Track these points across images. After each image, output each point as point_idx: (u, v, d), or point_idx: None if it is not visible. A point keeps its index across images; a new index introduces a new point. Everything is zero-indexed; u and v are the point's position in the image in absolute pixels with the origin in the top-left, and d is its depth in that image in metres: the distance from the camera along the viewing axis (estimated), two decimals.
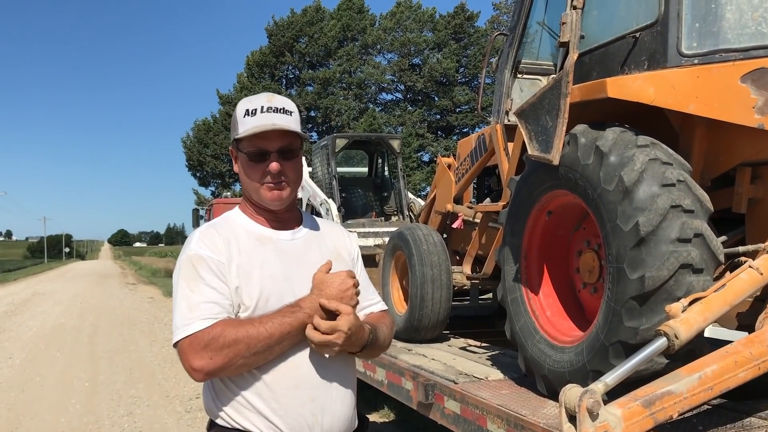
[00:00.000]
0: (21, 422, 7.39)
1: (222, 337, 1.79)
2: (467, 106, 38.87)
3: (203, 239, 1.95)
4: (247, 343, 1.80)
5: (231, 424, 1.91)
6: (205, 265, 1.89)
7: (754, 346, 2.62)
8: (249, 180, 1.99)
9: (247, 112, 1.95)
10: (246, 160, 1.97)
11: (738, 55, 2.99)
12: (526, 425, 3.00)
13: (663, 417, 2.38)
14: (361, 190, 10.88)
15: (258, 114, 1.94)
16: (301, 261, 2.02)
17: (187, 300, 1.86)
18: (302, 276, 1.98)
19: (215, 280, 1.88)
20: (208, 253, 1.90)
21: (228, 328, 1.81)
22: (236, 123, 1.98)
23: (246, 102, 1.99)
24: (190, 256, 1.92)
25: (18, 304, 21.89)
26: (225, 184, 39.64)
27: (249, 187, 2.01)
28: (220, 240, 1.94)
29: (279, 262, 1.97)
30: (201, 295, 1.86)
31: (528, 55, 4.68)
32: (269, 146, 1.95)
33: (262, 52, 39.22)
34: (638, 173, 2.86)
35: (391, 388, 4.59)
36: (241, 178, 2.03)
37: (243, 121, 1.96)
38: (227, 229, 2.00)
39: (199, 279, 1.87)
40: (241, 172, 2.02)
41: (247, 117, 1.95)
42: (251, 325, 1.82)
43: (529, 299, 3.60)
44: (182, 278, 1.90)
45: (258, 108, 1.95)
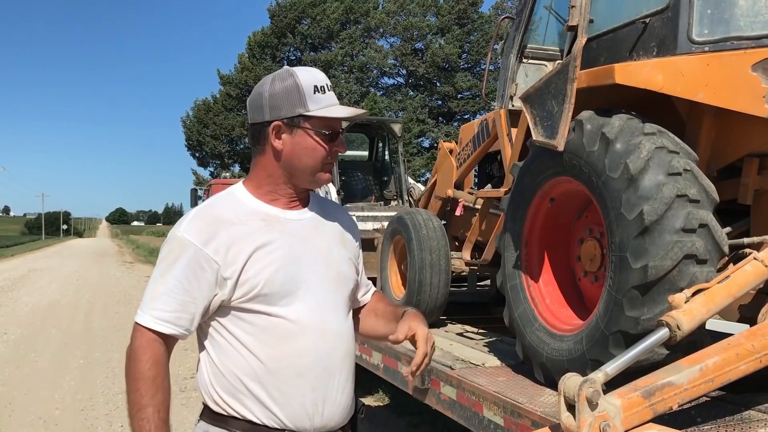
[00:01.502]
0: (15, 397, 7.40)
1: (141, 366, 1.76)
2: (469, 92, 38.74)
3: (196, 223, 1.83)
4: (134, 400, 1.75)
5: (227, 411, 1.84)
6: (185, 255, 1.78)
7: (756, 338, 2.59)
8: (313, 159, 1.86)
9: (317, 88, 1.84)
10: (316, 140, 1.85)
11: (750, 43, 2.94)
12: (523, 413, 2.98)
13: (663, 408, 2.35)
14: (360, 174, 10.83)
15: (327, 92, 1.86)
16: (308, 243, 1.92)
17: (155, 284, 1.81)
18: (308, 259, 1.90)
19: (188, 275, 1.77)
20: (194, 242, 1.78)
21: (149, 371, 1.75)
22: (303, 97, 1.83)
23: (308, 76, 1.86)
24: (176, 238, 1.81)
25: (14, 280, 21.91)
26: (224, 164, 39.52)
27: (308, 167, 1.87)
28: (218, 225, 1.81)
29: (285, 244, 1.86)
30: (165, 285, 1.78)
31: (534, 40, 4.62)
32: (339, 127, 1.90)
33: (264, 32, 38.97)
34: (644, 161, 2.82)
35: (387, 372, 4.57)
36: (293, 156, 1.87)
37: (314, 97, 1.83)
38: (229, 209, 1.87)
39: (172, 267, 1.78)
40: (295, 150, 1.86)
41: (318, 94, 1.84)
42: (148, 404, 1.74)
43: (529, 286, 3.57)
44: (161, 257, 1.84)
45: (325, 85, 1.86)
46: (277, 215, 1.91)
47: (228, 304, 1.82)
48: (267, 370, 1.82)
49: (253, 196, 1.92)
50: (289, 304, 1.84)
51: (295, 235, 1.91)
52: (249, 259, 1.80)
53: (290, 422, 1.83)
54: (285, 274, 1.83)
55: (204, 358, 1.90)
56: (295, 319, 1.84)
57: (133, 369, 1.77)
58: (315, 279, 1.90)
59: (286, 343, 1.83)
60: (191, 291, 1.78)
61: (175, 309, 1.78)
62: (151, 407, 1.74)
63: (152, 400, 1.74)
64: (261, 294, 1.81)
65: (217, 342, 1.86)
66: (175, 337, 1.82)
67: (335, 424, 1.92)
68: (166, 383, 1.78)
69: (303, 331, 1.85)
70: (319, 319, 1.88)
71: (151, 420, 1.73)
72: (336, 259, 1.99)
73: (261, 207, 1.91)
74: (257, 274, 1.80)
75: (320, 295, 1.90)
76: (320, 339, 1.87)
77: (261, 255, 1.82)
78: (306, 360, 1.84)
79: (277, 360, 1.82)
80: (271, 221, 1.88)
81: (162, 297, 1.78)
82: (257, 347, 1.82)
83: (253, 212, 1.89)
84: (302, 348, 1.84)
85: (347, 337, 1.98)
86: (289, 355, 1.83)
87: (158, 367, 1.77)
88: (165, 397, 1.77)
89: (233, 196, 1.93)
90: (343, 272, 2.00)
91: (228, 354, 1.84)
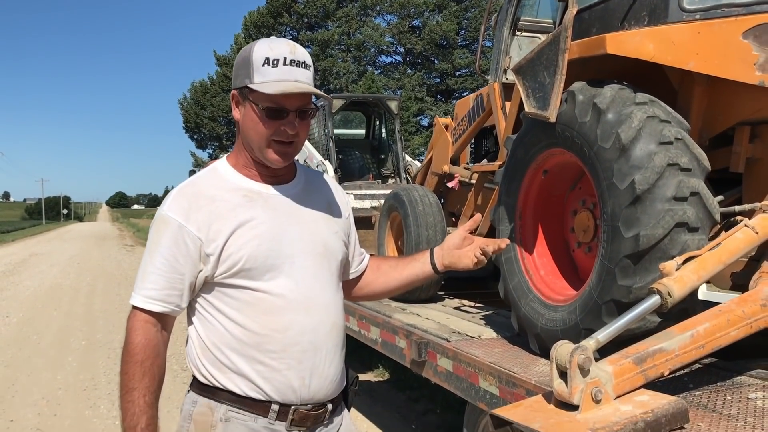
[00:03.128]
0: (18, 378, 7.46)
1: (131, 348, 1.79)
2: (467, 69, 38.48)
3: (179, 201, 1.84)
4: (123, 381, 1.78)
5: (213, 383, 1.86)
6: (169, 232, 1.80)
7: (747, 305, 2.62)
8: (256, 134, 1.82)
9: (267, 61, 1.77)
10: (258, 114, 1.80)
11: (740, 10, 2.93)
12: (518, 382, 3.01)
13: (654, 374, 2.38)
14: (358, 152, 10.82)
15: (280, 66, 1.77)
16: (293, 217, 1.92)
17: (144, 264, 1.84)
18: (293, 234, 1.90)
19: (174, 252, 1.79)
20: (177, 219, 1.80)
21: (139, 355, 1.78)
22: (251, 68, 1.79)
23: (266, 47, 1.80)
24: (160, 217, 1.83)
25: (15, 264, 21.96)
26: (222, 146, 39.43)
27: (253, 141, 1.84)
28: (200, 201, 1.82)
29: (269, 219, 1.87)
30: (153, 264, 1.81)
31: (527, 12, 4.60)
32: (289, 105, 1.80)
33: (260, 12, 38.68)
34: (636, 131, 2.82)
35: (385, 346, 4.61)
36: (244, 128, 1.86)
37: (262, 70, 1.78)
38: (211, 186, 1.87)
39: (158, 245, 1.81)
40: (245, 121, 1.84)
41: (267, 66, 1.77)
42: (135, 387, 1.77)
43: (523, 258, 3.58)
44: (149, 238, 1.87)
45: (281, 59, 1.77)
46: (259, 191, 1.91)
47: (212, 280, 1.84)
48: (251, 344, 1.83)
49: (234, 170, 1.93)
50: (272, 278, 1.85)
51: (278, 210, 1.91)
52: (231, 236, 1.81)
53: (276, 394, 1.85)
54: (267, 248, 1.84)
55: (192, 332, 1.92)
56: (279, 294, 1.85)
57: (125, 351, 1.80)
58: (300, 253, 1.90)
59: (270, 317, 1.84)
60: (178, 268, 1.80)
61: (164, 287, 1.80)
62: (138, 390, 1.77)
63: (140, 383, 1.77)
64: (244, 269, 1.82)
65: (204, 317, 1.89)
66: (168, 315, 1.84)
67: (323, 396, 1.93)
68: (155, 367, 1.81)
69: (287, 305, 1.86)
70: (303, 292, 1.89)
71: (136, 403, 1.77)
72: (323, 232, 1.99)
73: (243, 182, 1.91)
74: (239, 249, 1.81)
75: (305, 269, 1.91)
76: (305, 312, 1.88)
77: (243, 231, 1.82)
78: (291, 333, 1.85)
79: (261, 334, 1.83)
80: (254, 197, 1.89)
81: (150, 276, 1.81)
82: (242, 321, 1.84)
83: (236, 188, 1.89)
84: (287, 322, 1.85)
85: (334, 310, 1.98)
86: (273, 329, 1.84)
87: (148, 350, 1.79)
88: (152, 381, 1.80)
89: (216, 171, 1.94)
90: (329, 245, 2.00)
91: (214, 328, 1.87)
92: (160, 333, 1.83)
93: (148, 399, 1.78)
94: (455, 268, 2.17)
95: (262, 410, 1.85)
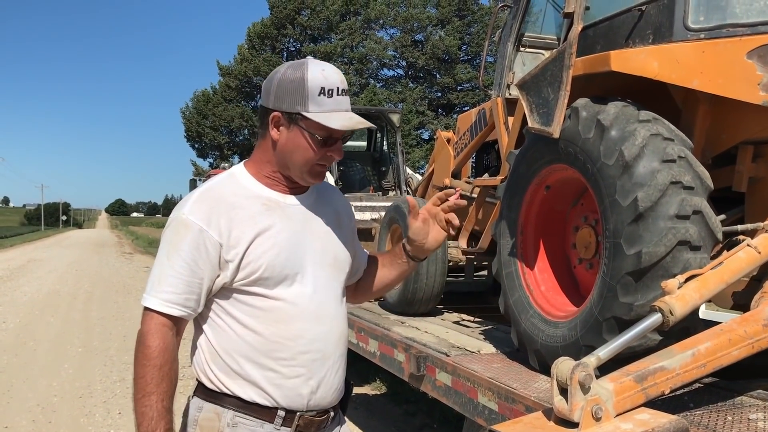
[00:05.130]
0: (13, 385, 7.43)
1: (149, 352, 1.78)
2: (469, 84, 38.63)
3: (200, 205, 1.84)
4: (140, 386, 1.77)
5: (220, 389, 1.87)
6: (190, 236, 1.80)
7: (749, 324, 2.61)
8: (302, 158, 1.86)
9: (323, 91, 1.81)
10: (310, 142, 1.84)
11: (745, 30, 2.94)
12: (517, 398, 2.99)
13: (655, 392, 2.37)
14: (359, 164, 10.84)
15: (335, 96, 1.82)
16: (307, 227, 1.96)
17: (161, 266, 1.82)
18: (307, 244, 1.93)
19: (195, 256, 1.79)
20: (199, 223, 1.80)
21: (157, 359, 1.77)
22: (306, 96, 1.81)
23: (320, 75, 1.82)
24: (180, 220, 1.83)
25: (13, 270, 21.93)
26: (223, 155, 39.50)
27: (296, 164, 1.87)
28: (221, 207, 1.83)
29: (285, 228, 1.89)
30: (172, 267, 1.79)
31: (531, 28, 4.62)
32: (338, 133, 1.87)
33: (264, 23, 38.83)
34: (639, 148, 2.82)
35: (384, 359, 4.59)
36: (285, 150, 1.87)
37: (318, 99, 1.81)
38: (231, 192, 1.89)
39: (178, 248, 1.80)
40: (288, 144, 1.86)
41: (323, 96, 1.81)
42: (153, 391, 1.76)
43: (524, 274, 3.58)
44: (165, 240, 1.85)
45: (335, 89, 1.82)
46: (277, 200, 1.94)
47: (229, 287, 1.85)
48: (263, 351, 1.85)
49: (254, 178, 1.95)
50: (287, 287, 1.87)
51: (294, 220, 1.93)
52: (252, 243, 1.83)
53: (283, 401, 1.87)
54: (285, 258, 1.87)
55: (201, 338, 1.92)
56: (292, 302, 1.88)
57: (141, 355, 1.79)
58: (313, 264, 1.94)
59: (283, 325, 1.86)
60: (197, 272, 1.80)
61: (184, 291, 1.80)
62: (156, 395, 1.76)
63: (157, 388, 1.77)
64: (262, 277, 1.84)
65: (215, 322, 1.89)
66: (184, 320, 1.85)
67: (327, 403, 1.97)
68: (172, 372, 1.81)
69: (300, 314, 1.88)
70: (316, 302, 1.92)
71: (154, 407, 1.75)
72: (334, 244, 2.02)
73: (262, 191, 1.93)
74: (259, 257, 1.83)
75: (318, 280, 1.94)
76: (316, 321, 1.91)
77: (263, 239, 1.84)
78: (302, 342, 1.88)
79: (273, 341, 1.85)
80: (272, 206, 1.91)
81: (170, 279, 1.80)
82: (255, 328, 1.85)
83: (254, 196, 1.91)
84: (298, 330, 1.88)
85: (342, 321, 2.02)
86: (285, 336, 1.86)
87: (166, 354, 1.79)
88: (170, 386, 1.79)
89: (235, 178, 1.95)
90: (340, 256, 2.04)
91: (226, 334, 1.87)
92: (174, 337, 1.84)
93: (166, 404, 1.77)
94: (427, 247, 2.15)
95: (269, 416, 1.87)
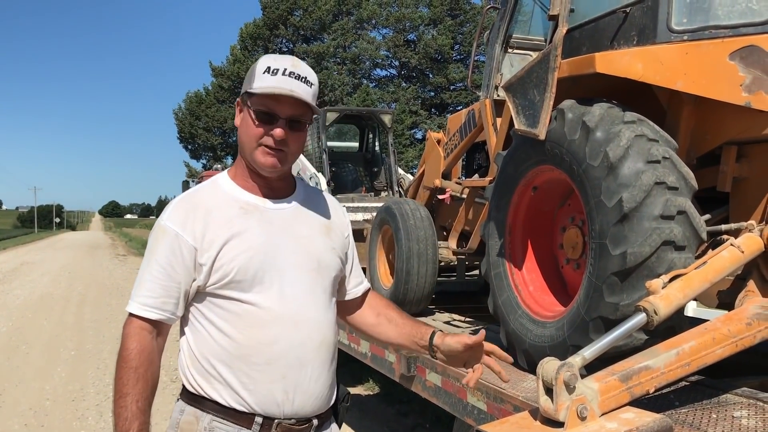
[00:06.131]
0: (5, 389, 7.41)
1: (125, 354, 1.81)
2: (462, 83, 38.63)
3: (177, 211, 1.88)
4: (117, 387, 1.80)
5: (199, 392, 1.88)
6: (167, 240, 1.84)
7: (733, 323, 2.64)
8: (248, 137, 1.89)
9: (269, 69, 1.85)
10: (252, 117, 1.87)
11: (727, 32, 2.97)
12: (506, 398, 3.02)
13: (640, 391, 2.39)
14: (351, 165, 10.83)
15: (279, 75, 1.84)
16: (288, 232, 1.94)
17: (141, 272, 1.87)
18: (286, 248, 1.92)
19: (171, 260, 1.83)
20: (175, 228, 1.84)
21: (133, 361, 1.80)
22: (252, 76, 1.88)
23: (270, 59, 1.89)
24: (159, 226, 1.88)
25: (6, 272, 21.85)
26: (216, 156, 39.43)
27: (245, 145, 1.91)
28: (197, 211, 1.87)
29: (263, 232, 1.90)
30: (150, 272, 1.85)
31: (519, 30, 4.64)
32: (280, 111, 1.86)
33: (256, 24, 38.78)
34: (624, 149, 2.85)
35: (375, 360, 4.61)
36: (240, 134, 1.93)
37: (261, 76, 1.86)
38: (210, 197, 1.92)
39: (155, 254, 1.85)
40: (241, 126, 1.92)
41: (267, 74, 1.85)
42: (129, 392, 1.79)
43: (512, 274, 3.60)
44: (147, 247, 1.91)
45: (281, 69, 1.85)
46: (256, 204, 1.94)
47: (204, 290, 1.87)
48: (237, 356, 1.85)
49: (234, 183, 1.97)
50: (262, 291, 1.87)
51: (274, 224, 1.93)
52: (224, 246, 1.84)
53: (259, 407, 1.86)
54: (259, 261, 1.86)
55: (183, 341, 1.94)
56: (267, 307, 1.87)
57: (120, 356, 1.82)
58: (292, 267, 1.92)
59: (257, 329, 1.86)
60: (174, 276, 1.84)
61: (160, 294, 1.83)
62: (131, 396, 1.79)
63: (133, 389, 1.79)
64: (234, 281, 1.84)
65: (194, 326, 1.91)
66: (163, 323, 1.87)
67: (308, 411, 1.94)
68: (149, 373, 1.82)
69: (275, 319, 1.88)
70: (293, 307, 1.90)
71: (129, 408, 1.78)
72: (318, 248, 2.00)
73: (242, 195, 1.94)
74: (231, 260, 1.84)
75: (297, 284, 1.92)
76: (293, 327, 1.90)
77: (236, 242, 1.86)
78: (276, 347, 1.87)
79: (247, 346, 1.85)
80: (250, 209, 1.92)
81: (147, 284, 1.84)
82: (229, 332, 1.86)
83: (233, 200, 1.93)
84: (273, 335, 1.87)
85: (325, 327, 1.99)
86: (259, 341, 1.86)
87: (142, 357, 1.81)
88: (146, 387, 1.81)
89: (216, 183, 1.98)
90: (324, 261, 2.01)
91: (203, 338, 1.89)
92: (154, 340, 1.86)
93: (140, 405, 1.79)
94: (444, 363, 2.21)
95: (246, 422, 1.87)
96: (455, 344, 2.05)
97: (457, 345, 2.05)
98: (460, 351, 2.05)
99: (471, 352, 2.06)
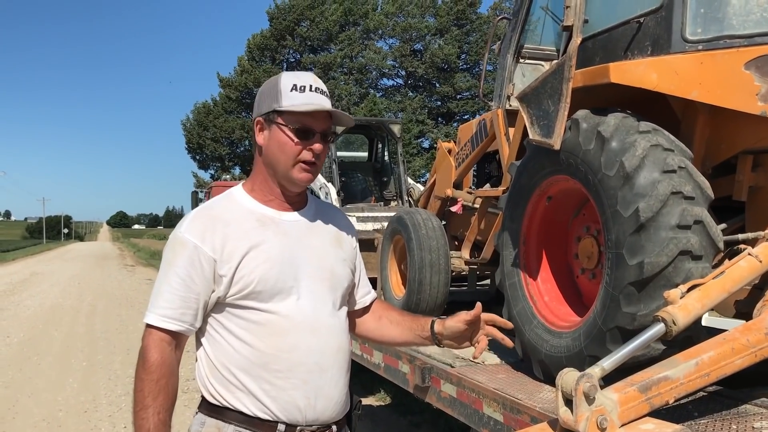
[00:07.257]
0: (19, 399, 7.43)
1: (146, 365, 1.82)
2: (468, 92, 38.74)
3: (195, 223, 1.91)
4: (138, 399, 1.81)
5: (221, 402, 1.90)
6: (186, 253, 1.85)
7: (751, 333, 2.62)
8: (283, 154, 1.91)
9: (295, 87, 1.90)
10: (287, 135, 1.90)
11: (742, 41, 2.97)
12: (522, 409, 3.01)
13: (659, 402, 2.38)
14: (360, 175, 10.85)
15: (307, 92, 1.89)
16: (303, 243, 1.98)
17: (159, 283, 1.88)
18: (302, 259, 1.96)
19: (190, 272, 1.84)
20: (194, 241, 1.86)
21: (154, 373, 1.81)
22: (278, 94, 1.90)
23: (292, 77, 1.93)
24: (177, 238, 1.90)
25: (16, 283, 21.93)
26: (224, 167, 39.60)
27: (280, 162, 1.92)
28: (216, 224, 1.89)
29: (279, 244, 1.93)
30: (169, 284, 1.86)
31: (531, 40, 4.65)
32: (316, 126, 1.91)
33: (263, 35, 39.00)
34: (639, 159, 2.85)
35: (388, 371, 4.60)
36: (269, 151, 1.94)
37: (290, 95, 1.89)
38: (226, 210, 1.95)
39: (174, 265, 1.86)
40: (270, 144, 1.93)
41: (295, 92, 1.89)
42: (150, 404, 1.79)
43: (527, 284, 3.60)
44: (164, 259, 1.92)
45: (307, 86, 1.90)
46: (272, 216, 1.98)
47: (223, 301, 1.89)
48: (259, 364, 1.88)
49: (249, 196, 2.00)
50: (281, 300, 1.90)
51: (289, 235, 1.97)
52: (244, 258, 1.87)
53: (282, 415, 1.88)
54: (278, 272, 1.90)
55: (201, 352, 1.96)
56: (286, 315, 1.90)
57: (140, 368, 1.83)
58: (308, 277, 1.96)
59: (277, 338, 1.89)
60: (193, 287, 1.85)
61: (179, 306, 1.85)
62: (152, 408, 1.80)
63: (154, 401, 1.80)
64: (254, 291, 1.87)
65: (213, 337, 1.93)
66: (182, 334, 1.88)
67: (328, 417, 1.97)
68: (170, 386, 1.84)
69: (294, 327, 1.91)
70: (310, 315, 1.94)
71: (151, 420, 1.79)
72: (330, 259, 2.05)
73: (257, 207, 1.98)
74: (251, 272, 1.87)
75: (313, 293, 1.96)
76: (311, 334, 1.93)
77: (255, 254, 1.88)
78: (296, 354, 1.90)
79: (268, 354, 1.88)
80: (266, 221, 1.96)
81: (166, 295, 1.86)
82: (250, 342, 1.89)
83: (249, 212, 1.96)
84: (293, 343, 1.90)
85: (340, 333, 2.03)
86: (280, 349, 1.89)
87: (163, 368, 1.83)
88: (167, 399, 1.83)
89: (231, 197, 2.02)
90: (336, 271, 2.06)
91: (222, 348, 1.91)
92: (174, 352, 1.87)
93: (162, 417, 1.81)
94: (453, 347, 2.24)
95: (269, 430, 1.89)
96: (456, 324, 2.14)
97: (458, 324, 2.14)
98: (463, 329, 2.14)
99: (473, 326, 2.15)
